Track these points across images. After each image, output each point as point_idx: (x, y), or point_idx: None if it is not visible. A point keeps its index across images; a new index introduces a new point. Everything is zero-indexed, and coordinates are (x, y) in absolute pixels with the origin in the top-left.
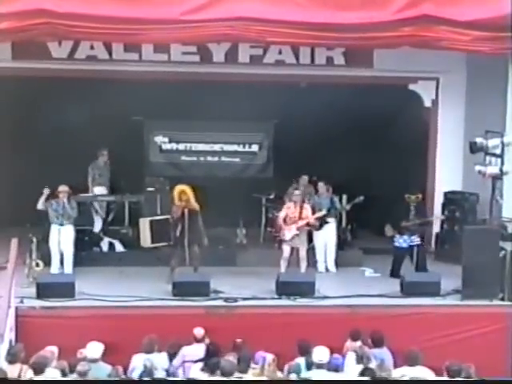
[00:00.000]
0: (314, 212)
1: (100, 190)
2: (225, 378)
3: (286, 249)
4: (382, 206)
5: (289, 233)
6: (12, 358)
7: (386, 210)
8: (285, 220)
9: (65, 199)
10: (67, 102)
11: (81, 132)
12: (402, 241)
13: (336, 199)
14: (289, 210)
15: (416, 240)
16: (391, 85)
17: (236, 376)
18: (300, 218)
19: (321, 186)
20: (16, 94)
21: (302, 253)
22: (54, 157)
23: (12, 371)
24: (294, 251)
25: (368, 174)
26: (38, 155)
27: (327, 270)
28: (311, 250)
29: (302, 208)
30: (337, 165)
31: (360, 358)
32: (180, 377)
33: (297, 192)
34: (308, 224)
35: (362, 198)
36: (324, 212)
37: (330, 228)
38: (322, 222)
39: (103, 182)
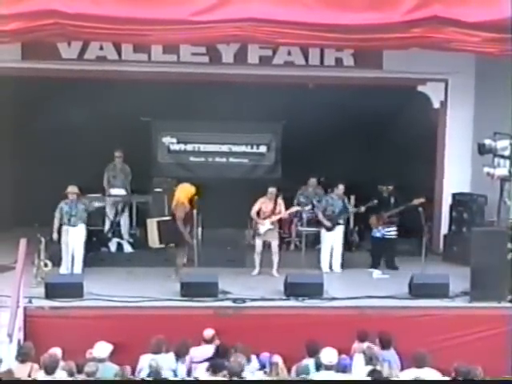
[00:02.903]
0: (324, 213)
1: (115, 192)
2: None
3: (259, 243)
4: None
5: (263, 227)
6: (23, 357)
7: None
8: (259, 214)
9: (74, 199)
10: (76, 102)
11: (90, 132)
12: (375, 230)
13: (347, 201)
14: (263, 204)
15: (391, 232)
16: (400, 86)
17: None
18: (273, 212)
19: (340, 188)
20: (25, 95)
21: (274, 248)
22: (63, 157)
23: (23, 370)
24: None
25: (376, 175)
26: (47, 155)
27: (331, 269)
28: (317, 251)
29: (276, 203)
30: (345, 166)
31: (368, 360)
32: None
33: (271, 190)
34: (281, 219)
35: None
36: (298, 207)
37: (339, 229)
38: (334, 223)
39: (118, 184)
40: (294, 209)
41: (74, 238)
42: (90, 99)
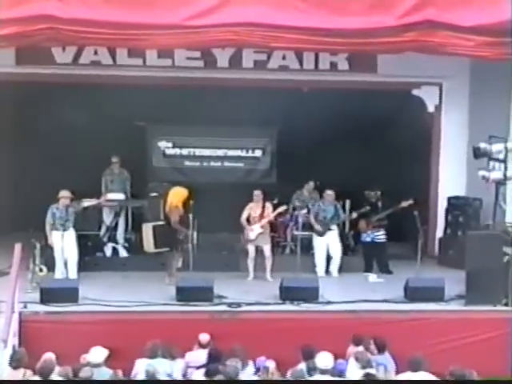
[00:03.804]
0: (316, 218)
1: (113, 197)
2: None
3: (251, 249)
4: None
5: (253, 233)
6: (16, 363)
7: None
8: (248, 220)
9: (66, 204)
10: (71, 107)
11: (85, 137)
12: (365, 235)
13: (339, 206)
14: (251, 210)
15: (380, 236)
16: (395, 90)
17: None
18: (262, 216)
19: (329, 193)
20: (20, 100)
21: (267, 252)
22: (57, 162)
23: (16, 376)
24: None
25: (371, 179)
26: (44, 160)
27: (327, 273)
28: (312, 255)
29: (263, 207)
30: (340, 170)
31: (362, 364)
32: None
33: (256, 192)
34: (270, 221)
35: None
36: (285, 207)
37: (333, 235)
38: (325, 228)
39: (116, 189)
40: (281, 208)
41: (69, 243)
42: (85, 104)
